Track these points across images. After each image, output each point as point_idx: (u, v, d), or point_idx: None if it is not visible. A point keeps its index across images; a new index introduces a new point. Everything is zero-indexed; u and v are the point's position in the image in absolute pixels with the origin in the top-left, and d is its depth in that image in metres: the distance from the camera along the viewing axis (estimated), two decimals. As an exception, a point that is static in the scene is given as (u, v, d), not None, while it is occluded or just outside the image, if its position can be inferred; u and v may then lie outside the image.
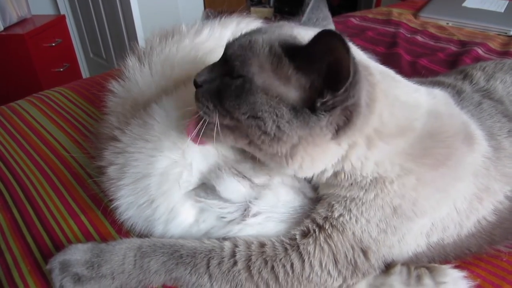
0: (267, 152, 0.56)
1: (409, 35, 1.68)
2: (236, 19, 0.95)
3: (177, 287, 0.63)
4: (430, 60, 1.42)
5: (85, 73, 3.31)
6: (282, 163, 0.57)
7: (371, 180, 0.60)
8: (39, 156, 0.93)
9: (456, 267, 0.65)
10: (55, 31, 2.49)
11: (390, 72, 0.64)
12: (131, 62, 0.87)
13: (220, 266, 0.61)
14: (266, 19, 1.74)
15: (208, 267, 0.62)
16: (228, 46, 0.57)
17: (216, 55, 0.88)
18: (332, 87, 0.49)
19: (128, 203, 0.68)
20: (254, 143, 0.56)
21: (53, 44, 2.44)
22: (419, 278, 0.62)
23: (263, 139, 0.54)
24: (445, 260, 0.67)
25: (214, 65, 0.59)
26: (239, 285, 0.61)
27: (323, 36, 0.47)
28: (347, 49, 0.45)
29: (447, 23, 1.81)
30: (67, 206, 0.79)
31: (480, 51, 1.47)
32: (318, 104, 0.51)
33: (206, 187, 0.64)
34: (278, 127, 0.52)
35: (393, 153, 0.59)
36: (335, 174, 0.61)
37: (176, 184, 0.64)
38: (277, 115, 0.52)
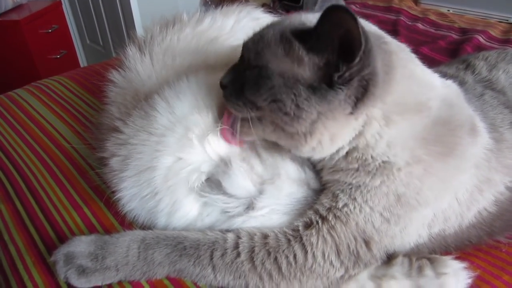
0: (289, 132, 0.57)
1: (410, 23, 1.67)
2: (237, 8, 0.93)
3: (180, 278, 0.63)
4: (431, 48, 1.41)
5: (82, 60, 3.27)
6: (302, 142, 0.58)
7: (379, 165, 0.59)
8: (40, 146, 0.93)
9: (457, 258, 0.65)
10: (51, 17, 2.45)
11: (406, 48, 0.64)
12: (132, 51, 0.86)
13: (224, 258, 0.62)
14: (265, 6, 1.72)
15: (211, 258, 0.62)
16: (244, 45, 0.61)
17: (218, 44, 0.88)
18: (347, 58, 0.51)
19: (131, 194, 0.68)
20: (278, 127, 0.58)
21: (50, 31, 2.41)
22: (420, 269, 0.62)
23: (285, 120, 0.55)
24: (446, 251, 0.68)
25: (235, 65, 0.62)
26: (242, 276, 0.62)
27: (329, 12, 0.48)
28: (354, 19, 0.47)
29: (448, 10, 1.80)
30: (70, 198, 0.79)
31: (481, 39, 1.46)
32: (335, 78, 0.52)
33: (211, 182, 0.64)
34: (297, 105, 0.54)
35: (407, 134, 0.59)
36: (347, 154, 0.61)
37: (183, 181, 0.64)
38: (295, 95, 0.54)
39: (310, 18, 0.59)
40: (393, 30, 1.59)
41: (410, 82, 0.59)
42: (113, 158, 0.70)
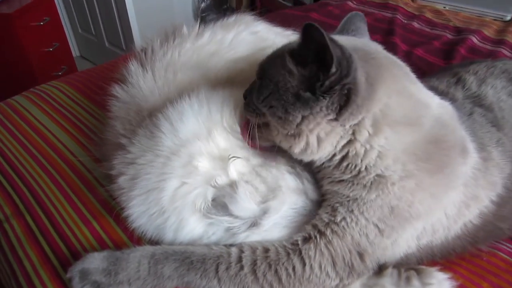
0: (283, 134, 0.65)
1: (405, 21, 1.68)
2: (236, 21, 0.95)
3: (188, 289, 0.68)
4: (426, 50, 1.44)
5: (74, 50, 3.24)
6: (292, 143, 0.65)
7: (374, 178, 0.64)
8: (45, 159, 0.96)
9: (441, 266, 0.71)
10: (42, 9, 2.40)
11: (404, 66, 0.70)
12: (134, 67, 0.88)
13: (228, 271, 0.67)
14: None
15: (217, 271, 0.67)
16: (259, 63, 0.71)
17: (218, 58, 0.90)
18: (325, 69, 0.58)
19: (139, 212, 0.72)
20: (277, 131, 0.66)
21: (41, 23, 2.37)
22: (408, 279, 0.68)
23: (279, 122, 0.64)
24: (432, 260, 0.74)
25: (253, 81, 0.72)
26: (246, 287, 0.67)
27: (304, 29, 0.57)
28: (321, 34, 0.54)
29: (444, 7, 1.81)
30: (79, 212, 0.82)
31: (475, 40, 1.49)
32: (318, 86, 0.59)
33: (216, 204, 0.68)
34: (285, 109, 0.62)
35: (398, 147, 0.63)
36: (340, 162, 0.66)
37: (189, 204, 0.67)
38: (284, 101, 0.62)
39: None
40: (389, 29, 1.61)
41: (402, 98, 0.64)
42: (121, 177, 0.74)
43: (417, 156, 0.64)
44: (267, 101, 0.64)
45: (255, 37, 0.94)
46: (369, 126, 0.62)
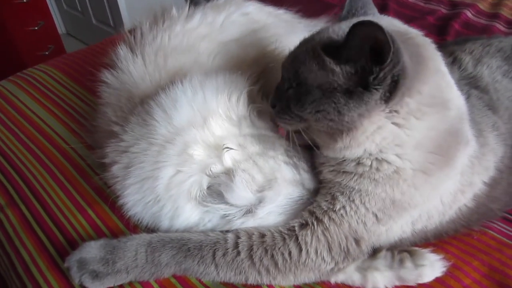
0: (330, 134, 0.63)
1: (399, -6, 1.64)
2: (227, 2, 0.92)
3: (186, 276, 0.70)
4: (420, 26, 1.39)
5: (60, 28, 3.14)
6: (339, 142, 0.62)
7: (388, 174, 0.63)
8: (37, 147, 0.94)
9: (433, 246, 0.73)
10: (25, -15, 2.31)
11: (432, 43, 0.67)
12: (123, 51, 0.86)
13: (225, 257, 0.68)
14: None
15: (214, 258, 0.68)
16: (282, 65, 0.67)
17: (209, 41, 0.88)
18: (378, 61, 0.55)
19: (134, 200, 0.72)
20: (322, 132, 0.64)
21: (25, 1, 2.28)
22: (401, 261, 0.70)
23: (330, 125, 0.61)
24: (425, 243, 0.75)
25: (278, 85, 0.69)
26: (243, 272, 0.68)
27: (357, 28, 0.53)
28: (381, 29, 0.51)
29: (439, -20, 1.76)
30: (73, 200, 0.82)
31: (469, 14, 1.46)
32: (371, 80, 0.56)
33: (212, 192, 0.68)
34: (338, 111, 0.59)
35: (423, 135, 0.62)
36: (361, 156, 0.65)
37: (185, 192, 0.67)
38: (334, 103, 0.59)
39: (336, 30, 0.63)
40: (383, 4, 1.57)
41: (437, 77, 0.63)
42: (115, 165, 0.73)
43: (438, 148, 0.64)
44: (312, 107, 0.61)
45: (247, 19, 0.92)
46: (415, 110, 0.60)
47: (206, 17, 0.89)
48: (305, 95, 0.61)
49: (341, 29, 0.62)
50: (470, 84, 0.83)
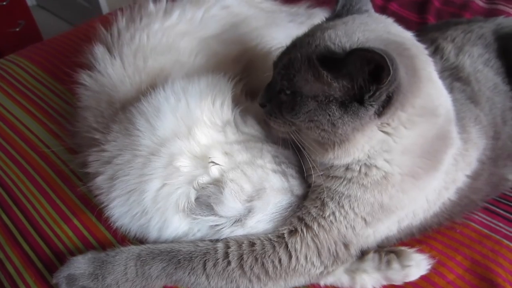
0: (321, 143, 0.63)
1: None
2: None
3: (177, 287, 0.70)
4: (400, 4, 1.38)
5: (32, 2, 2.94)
6: (329, 151, 0.63)
7: (375, 180, 0.64)
8: (15, 151, 0.90)
9: (417, 242, 0.75)
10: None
11: (424, 50, 0.66)
12: (100, 52, 0.81)
13: (216, 267, 0.68)
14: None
15: (204, 268, 0.68)
16: (274, 66, 0.66)
17: (189, 38, 0.83)
18: (375, 80, 0.55)
19: (121, 212, 0.70)
20: (312, 139, 0.64)
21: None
22: (388, 263, 0.72)
23: (322, 135, 0.61)
24: (410, 238, 0.77)
25: (269, 84, 0.68)
26: (234, 281, 0.69)
27: (357, 55, 0.54)
28: (381, 56, 0.51)
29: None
30: (57, 209, 0.80)
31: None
32: (366, 97, 0.56)
33: (201, 204, 0.67)
34: (332, 124, 0.59)
35: (412, 142, 0.63)
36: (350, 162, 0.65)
37: (172, 204, 0.66)
38: (329, 115, 0.59)
39: (333, 38, 0.60)
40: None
41: (429, 85, 0.63)
42: (99, 176, 0.71)
43: (426, 153, 0.64)
44: (305, 116, 0.61)
45: (227, 12, 0.88)
46: (405, 121, 0.60)
47: (185, 13, 0.84)
48: (299, 105, 0.61)
49: (338, 37, 0.60)
50: (453, 76, 0.82)
